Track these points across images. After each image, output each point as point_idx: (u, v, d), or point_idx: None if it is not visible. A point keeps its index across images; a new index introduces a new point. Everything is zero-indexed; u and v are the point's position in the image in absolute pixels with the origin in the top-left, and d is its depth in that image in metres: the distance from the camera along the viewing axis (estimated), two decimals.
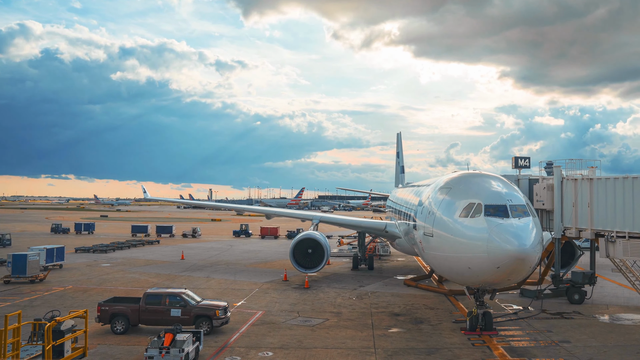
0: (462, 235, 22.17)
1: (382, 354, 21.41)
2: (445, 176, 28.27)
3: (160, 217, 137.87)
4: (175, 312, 24.31)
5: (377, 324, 26.40)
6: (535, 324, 26.56)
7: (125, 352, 21.37)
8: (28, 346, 18.95)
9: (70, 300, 31.34)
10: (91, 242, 63.52)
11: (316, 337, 23.72)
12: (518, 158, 35.10)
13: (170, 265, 46.54)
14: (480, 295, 24.18)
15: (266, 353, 21.31)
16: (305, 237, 39.17)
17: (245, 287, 36.32)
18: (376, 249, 55.93)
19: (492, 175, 26.68)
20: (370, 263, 45.85)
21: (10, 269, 37.46)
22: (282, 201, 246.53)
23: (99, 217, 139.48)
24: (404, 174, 67.67)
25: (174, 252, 56.07)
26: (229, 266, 46.57)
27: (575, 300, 31.36)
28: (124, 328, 24.30)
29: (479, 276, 21.90)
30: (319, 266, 38.41)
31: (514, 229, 21.21)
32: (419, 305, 30.92)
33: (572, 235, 30.61)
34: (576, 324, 26.58)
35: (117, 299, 26.08)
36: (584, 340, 23.57)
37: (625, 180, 26.82)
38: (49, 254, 42.38)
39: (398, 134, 71.49)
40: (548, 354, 21.42)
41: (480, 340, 23.29)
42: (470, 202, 22.55)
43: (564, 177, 31.28)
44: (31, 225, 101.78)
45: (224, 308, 24.89)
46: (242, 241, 71.37)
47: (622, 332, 25.14)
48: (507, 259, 20.58)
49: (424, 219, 26.37)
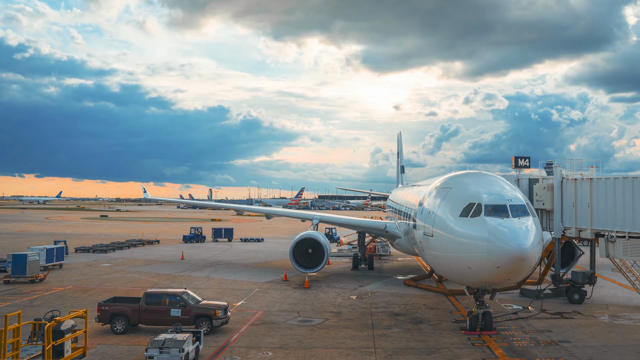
0: (462, 235, 22.18)
1: (382, 353, 21.41)
2: (445, 176, 28.27)
3: (161, 217, 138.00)
4: (175, 312, 24.32)
5: (377, 323, 26.41)
6: (535, 323, 26.56)
7: (125, 352, 21.38)
8: (28, 346, 19.00)
9: (70, 300, 31.35)
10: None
11: (316, 337, 23.73)
12: (518, 158, 35.05)
13: (170, 265, 46.54)
14: (480, 295, 24.20)
15: (266, 353, 21.31)
16: (305, 237, 39.16)
17: (245, 287, 36.32)
18: (376, 248, 55.91)
19: (492, 175, 26.71)
20: (370, 263, 45.85)
21: (10, 269, 37.49)
22: (282, 201, 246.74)
23: (99, 217, 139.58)
24: (404, 174, 67.70)
25: (174, 252, 56.06)
26: (229, 266, 46.58)
27: (575, 300, 31.36)
28: (124, 328, 24.30)
29: (479, 276, 21.91)
30: (319, 266, 38.41)
31: (514, 228, 21.21)
32: (419, 305, 30.92)
33: (572, 235, 30.61)
34: (576, 323, 26.58)
35: (117, 299, 26.10)
36: (584, 340, 23.57)
37: (625, 180, 26.83)
38: (49, 254, 42.40)
39: (398, 133, 71.61)
40: (548, 354, 21.43)
41: (480, 340, 23.30)
42: (470, 202, 22.56)
43: (563, 177, 31.28)
44: (31, 225, 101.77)
45: (224, 308, 24.90)
46: (242, 241, 71.17)
47: (622, 332, 25.13)
48: (507, 259, 20.59)
49: (424, 219, 26.38)
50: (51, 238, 65.61)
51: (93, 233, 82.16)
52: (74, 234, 79.48)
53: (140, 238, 68.74)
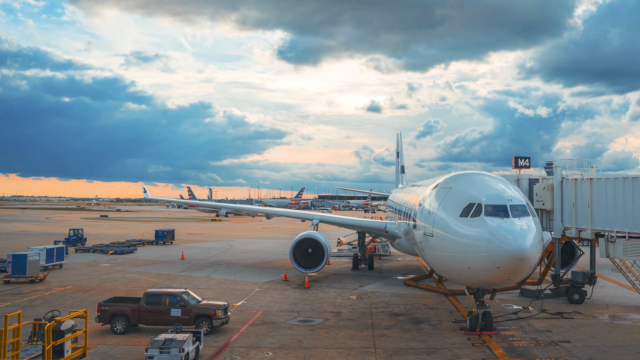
0: (462, 235, 22.18)
1: (382, 353, 21.41)
2: (446, 176, 28.29)
3: (161, 217, 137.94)
4: (175, 312, 24.32)
5: (377, 323, 26.40)
6: (535, 323, 26.56)
7: (125, 352, 21.38)
8: (28, 346, 19.00)
9: (70, 300, 31.35)
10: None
11: (316, 337, 23.73)
12: (518, 158, 35.09)
13: (170, 265, 46.53)
14: (480, 295, 24.20)
15: (266, 353, 21.31)
16: (305, 237, 39.15)
17: (245, 287, 36.32)
18: (376, 248, 55.92)
19: (492, 175, 26.74)
20: (370, 263, 45.86)
21: (10, 269, 37.49)
22: (282, 201, 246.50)
23: (99, 217, 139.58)
24: (404, 174, 67.70)
25: (174, 252, 56.05)
26: (229, 266, 46.57)
27: (575, 300, 31.36)
28: (124, 328, 24.30)
29: (479, 276, 21.92)
30: (319, 266, 38.40)
31: (514, 229, 21.21)
32: (419, 305, 30.92)
33: (572, 235, 30.62)
34: (576, 323, 26.58)
35: (117, 299, 26.11)
36: (584, 340, 23.57)
37: (625, 180, 26.85)
38: (49, 254, 42.41)
39: (398, 133, 71.62)
40: (548, 354, 21.43)
41: (480, 340, 23.30)
42: (471, 202, 22.56)
43: (564, 177, 31.28)
44: (31, 225, 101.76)
45: (224, 308, 24.90)
46: (243, 241, 71.15)
47: (622, 332, 25.13)
48: (507, 259, 20.59)
49: (424, 219, 26.38)
50: (51, 238, 65.65)
51: (93, 233, 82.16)
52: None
53: (140, 238, 68.74)
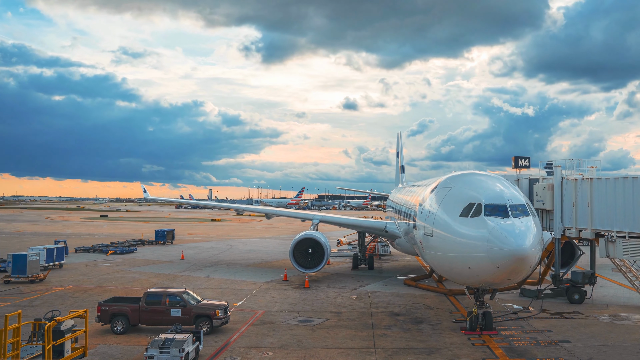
0: (462, 235, 22.18)
1: (382, 353, 21.41)
2: (445, 176, 28.28)
3: (161, 217, 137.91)
4: (175, 312, 24.32)
5: (377, 323, 26.40)
6: (535, 323, 26.56)
7: (125, 352, 21.38)
8: (28, 346, 19.00)
9: (70, 300, 31.35)
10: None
11: (316, 337, 23.72)
12: (518, 158, 35.08)
13: (170, 265, 46.53)
14: (480, 295, 24.20)
15: (266, 353, 21.31)
16: (306, 237, 39.15)
17: (245, 287, 36.32)
18: (376, 248, 55.91)
19: (492, 175, 26.73)
20: (370, 263, 45.85)
21: (10, 269, 37.49)
22: (282, 201, 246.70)
23: (99, 217, 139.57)
24: (404, 174, 67.69)
25: (174, 252, 56.05)
26: (229, 266, 46.56)
27: (575, 300, 31.36)
28: (124, 328, 24.30)
29: (479, 276, 21.92)
30: (319, 266, 38.39)
31: (514, 228, 21.21)
32: (419, 305, 30.92)
33: (572, 235, 30.61)
34: (576, 323, 26.58)
35: (117, 299, 26.12)
36: (584, 340, 23.57)
37: (626, 180, 26.85)
38: (49, 254, 42.41)
39: (398, 133, 71.64)
40: (548, 354, 21.43)
41: (480, 340, 23.30)
42: (471, 202, 22.56)
43: (564, 177, 31.28)
44: (31, 225, 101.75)
45: (224, 308, 24.90)
46: (243, 241, 71.25)
47: (622, 332, 25.13)
48: (507, 259, 20.59)
49: (424, 219, 26.38)
50: (51, 238, 65.62)
51: (93, 233, 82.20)
52: (74, 234, 79.49)
53: (140, 238, 68.76)
